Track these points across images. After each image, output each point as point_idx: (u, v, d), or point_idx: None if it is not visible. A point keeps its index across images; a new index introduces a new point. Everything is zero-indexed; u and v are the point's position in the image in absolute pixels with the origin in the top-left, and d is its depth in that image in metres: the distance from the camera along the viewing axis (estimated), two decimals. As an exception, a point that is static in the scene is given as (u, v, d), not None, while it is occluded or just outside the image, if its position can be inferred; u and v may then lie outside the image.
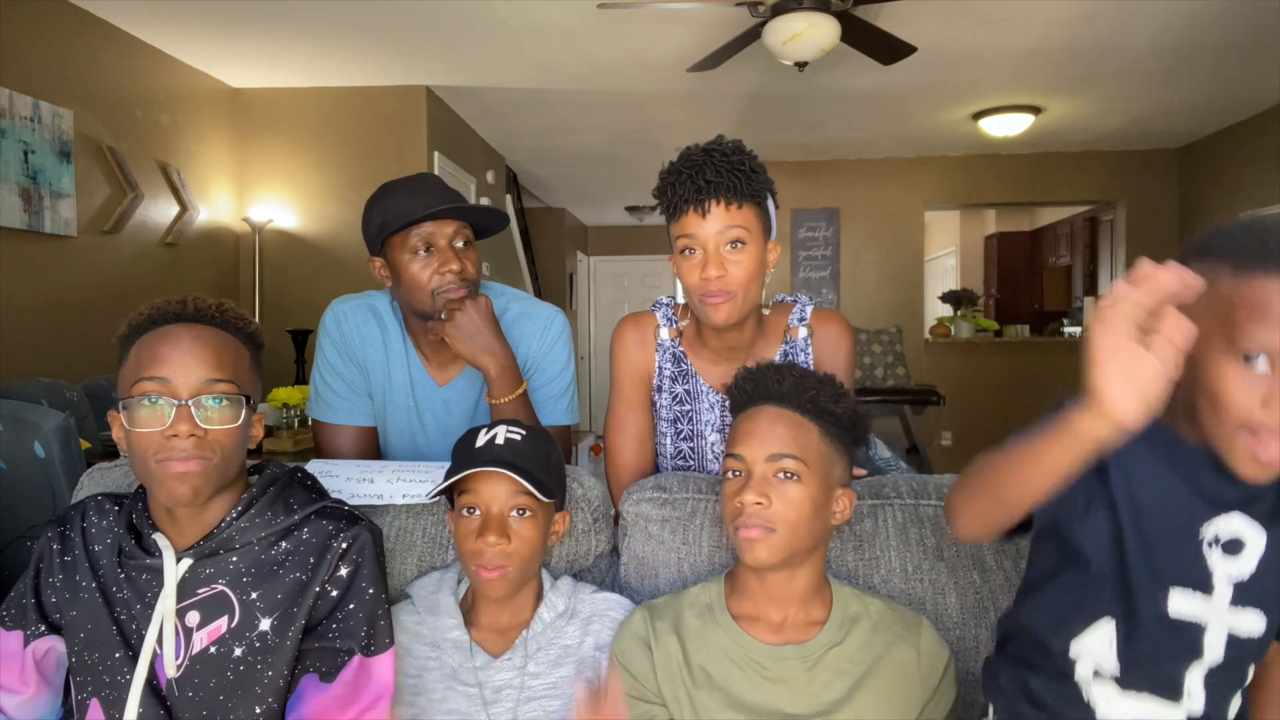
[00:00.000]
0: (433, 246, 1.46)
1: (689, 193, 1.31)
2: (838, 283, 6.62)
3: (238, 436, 1.03)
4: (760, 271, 1.37)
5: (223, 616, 1.03)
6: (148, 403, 0.99)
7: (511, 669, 1.15)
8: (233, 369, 1.04)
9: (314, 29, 3.86)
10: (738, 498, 1.07)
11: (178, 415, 0.98)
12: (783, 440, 1.08)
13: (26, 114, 3.23)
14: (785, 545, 1.06)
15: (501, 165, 6.26)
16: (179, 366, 1.00)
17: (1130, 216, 6.38)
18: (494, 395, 1.47)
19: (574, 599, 1.21)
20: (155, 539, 1.04)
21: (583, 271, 9.75)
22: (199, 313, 1.05)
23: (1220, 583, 0.87)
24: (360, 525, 1.09)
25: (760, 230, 1.36)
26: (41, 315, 3.37)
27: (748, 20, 3.42)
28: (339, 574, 1.05)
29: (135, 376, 1.00)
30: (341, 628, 1.05)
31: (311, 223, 4.75)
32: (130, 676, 1.01)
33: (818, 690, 1.07)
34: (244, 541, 1.05)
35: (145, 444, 0.99)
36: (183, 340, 1.02)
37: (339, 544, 1.06)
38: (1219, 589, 0.87)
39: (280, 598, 1.04)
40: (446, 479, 1.14)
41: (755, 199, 1.34)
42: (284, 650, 1.03)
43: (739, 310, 1.37)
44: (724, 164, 1.31)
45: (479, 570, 1.12)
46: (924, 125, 5.60)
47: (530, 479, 1.11)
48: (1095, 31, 3.92)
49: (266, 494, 1.07)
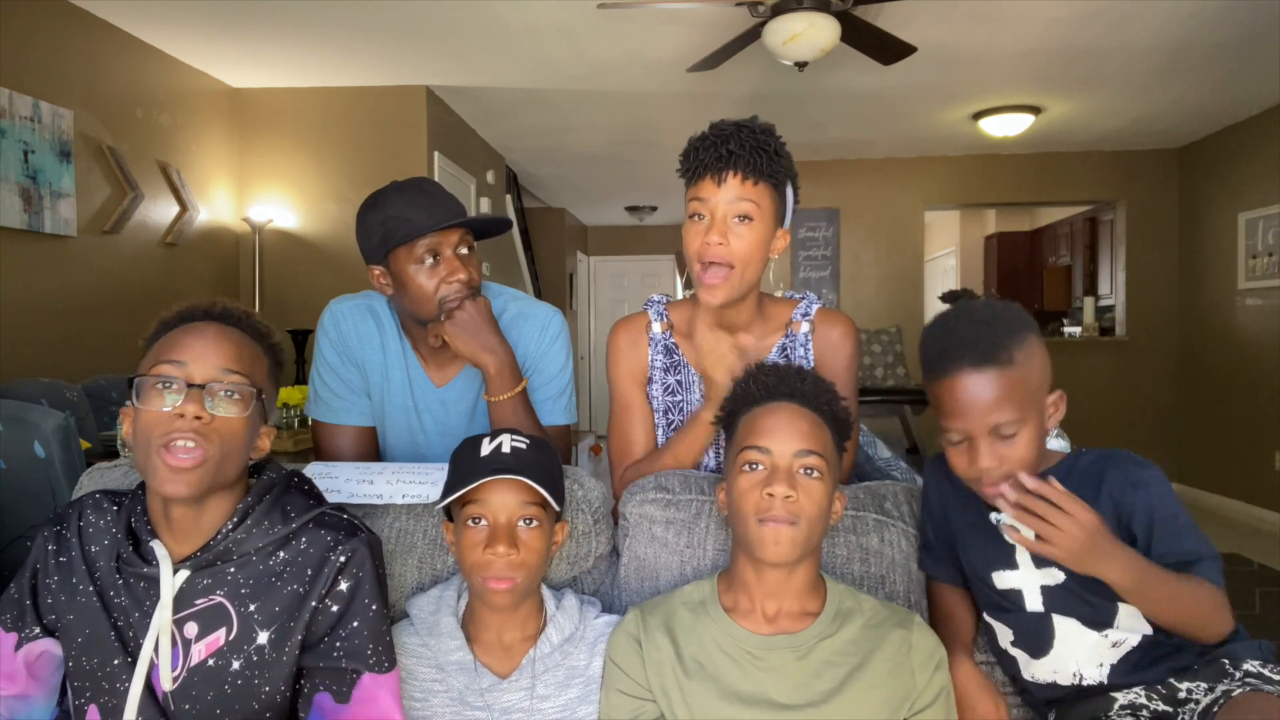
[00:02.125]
0: (438, 255, 1.45)
1: (710, 159, 1.35)
2: (838, 283, 6.62)
3: (242, 433, 1.03)
4: (761, 252, 1.38)
5: (221, 629, 1.02)
6: (161, 384, 1.00)
7: (519, 690, 1.14)
8: (249, 366, 1.05)
9: (314, 29, 3.86)
10: (766, 489, 1.07)
11: (188, 397, 0.99)
12: (808, 437, 1.10)
13: (26, 114, 3.23)
14: (805, 540, 1.07)
15: (501, 165, 6.26)
16: (198, 354, 1.01)
17: (1130, 216, 6.38)
18: (492, 393, 1.46)
19: (581, 622, 1.21)
20: (153, 547, 1.03)
21: (583, 271, 9.76)
22: (226, 313, 1.07)
23: (1020, 554, 1.15)
24: (359, 537, 1.08)
25: (771, 212, 1.38)
26: (41, 315, 3.37)
27: (748, 20, 3.42)
28: (338, 589, 1.04)
29: (154, 360, 1.01)
30: (346, 646, 1.04)
31: (311, 223, 4.75)
32: (129, 684, 1.01)
33: (808, 680, 1.08)
34: (241, 552, 1.04)
35: (151, 425, 0.99)
36: (206, 332, 1.04)
37: (337, 557, 1.05)
38: (1021, 559, 1.15)
39: (278, 610, 1.03)
40: (456, 488, 1.12)
41: (773, 180, 1.37)
42: (281, 665, 1.02)
43: (734, 289, 1.38)
44: (750, 140, 1.34)
45: (486, 581, 1.10)
46: (924, 125, 5.60)
47: (541, 485, 1.11)
48: (1095, 31, 3.92)
49: (263, 502, 1.06)
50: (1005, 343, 1.07)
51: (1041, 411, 1.10)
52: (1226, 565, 1.07)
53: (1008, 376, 1.05)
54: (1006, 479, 1.06)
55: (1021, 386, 1.06)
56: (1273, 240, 5.20)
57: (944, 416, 1.10)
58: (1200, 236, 6.01)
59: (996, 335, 1.07)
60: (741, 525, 1.10)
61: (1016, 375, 1.06)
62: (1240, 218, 5.50)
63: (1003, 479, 1.06)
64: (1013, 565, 1.15)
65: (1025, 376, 1.07)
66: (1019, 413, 1.06)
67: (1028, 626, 1.15)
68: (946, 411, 1.09)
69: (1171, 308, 6.31)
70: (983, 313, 1.11)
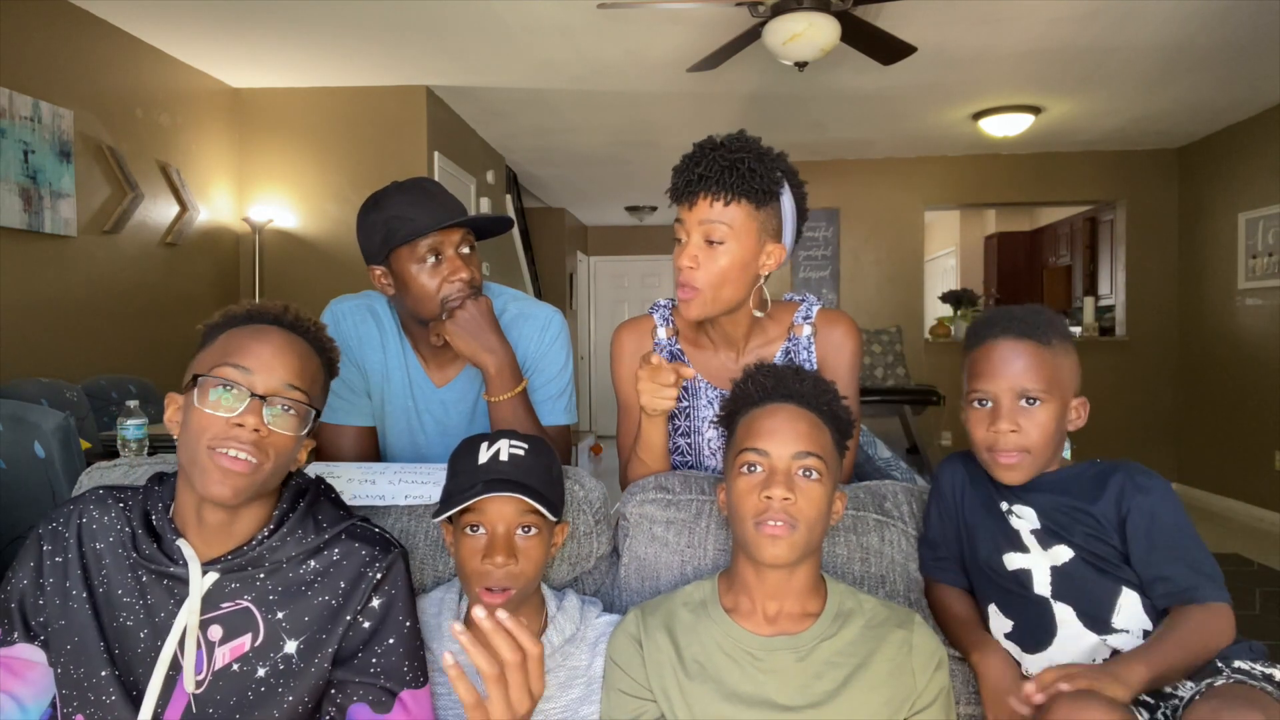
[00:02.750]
0: (440, 255, 1.46)
1: (681, 183, 1.36)
2: (838, 283, 6.62)
3: (292, 448, 1.02)
4: (737, 273, 1.37)
5: (246, 634, 1.01)
6: (224, 387, 0.98)
7: None
8: (310, 383, 1.04)
9: (314, 29, 3.86)
10: (764, 492, 1.07)
11: (249, 407, 0.98)
12: (806, 439, 1.09)
13: (26, 114, 3.23)
14: (804, 542, 1.07)
15: (501, 165, 6.26)
16: (265, 363, 1.00)
17: (1130, 216, 6.38)
18: (492, 393, 1.46)
19: (582, 622, 1.20)
20: (179, 546, 1.01)
21: (583, 271, 9.75)
22: (297, 322, 1.06)
23: (1028, 538, 1.18)
24: (394, 552, 1.08)
25: (752, 230, 1.35)
26: (41, 315, 3.37)
27: (748, 20, 3.42)
28: (372, 605, 1.04)
29: (219, 360, 1.00)
30: (383, 663, 1.03)
31: (311, 223, 4.75)
32: (116, 697, 0.98)
33: (809, 681, 1.07)
34: (274, 560, 1.03)
35: (206, 426, 0.97)
36: (275, 340, 1.02)
37: (374, 573, 1.04)
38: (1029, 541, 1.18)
39: (308, 620, 1.02)
40: (453, 498, 1.11)
41: (751, 198, 1.34)
42: (308, 676, 1.01)
43: (705, 308, 1.39)
44: (722, 159, 1.32)
45: (483, 594, 1.09)
46: (924, 125, 5.60)
47: (540, 499, 1.10)
48: (1095, 31, 3.92)
49: (297, 510, 1.05)
50: (1049, 330, 1.17)
51: (1065, 403, 1.17)
52: (1226, 565, 1.08)
53: (1043, 353, 1.16)
54: (1020, 451, 1.15)
55: (1052, 367, 1.16)
56: (1273, 240, 5.20)
57: (974, 379, 1.18)
58: (1200, 236, 6.01)
59: (1043, 321, 1.18)
60: (740, 527, 1.10)
61: (1051, 357, 1.16)
62: (1240, 218, 5.50)
63: (1017, 449, 1.15)
64: (1023, 548, 1.18)
65: (1058, 363, 1.17)
66: (1046, 385, 1.15)
67: (1030, 615, 1.17)
68: (979, 374, 1.18)
69: (1171, 308, 6.31)
70: (1035, 307, 1.22)
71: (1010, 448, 1.15)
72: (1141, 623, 1.11)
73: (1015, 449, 1.15)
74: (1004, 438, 1.14)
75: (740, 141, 1.35)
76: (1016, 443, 1.14)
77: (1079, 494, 1.16)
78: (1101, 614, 1.12)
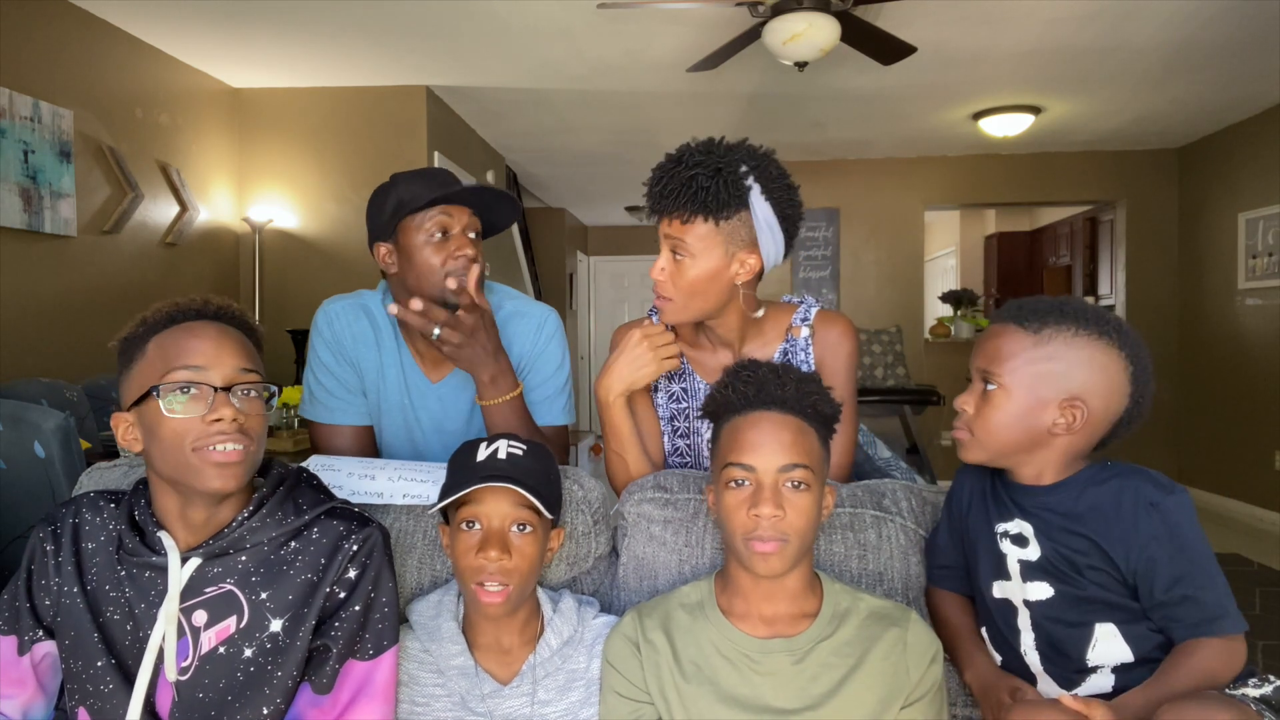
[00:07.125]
0: (448, 232, 1.47)
1: (648, 199, 1.38)
2: (838, 283, 6.62)
3: (264, 427, 1.05)
4: (704, 285, 1.37)
5: (231, 616, 1.03)
6: (182, 390, 0.99)
7: (520, 696, 1.14)
8: (257, 363, 1.07)
9: (314, 29, 3.86)
10: (753, 510, 1.05)
11: (218, 401, 0.99)
12: (792, 450, 1.07)
13: (26, 114, 3.23)
14: (796, 554, 1.07)
15: (501, 165, 6.26)
16: (212, 357, 1.01)
17: (1130, 216, 6.38)
18: (484, 397, 1.46)
19: (580, 624, 1.20)
20: (160, 537, 1.03)
21: (583, 271, 9.75)
22: (220, 311, 1.07)
23: (1013, 566, 1.13)
24: (371, 526, 1.10)
25: (713, 245, 1.35)
26: (41, 315, 3.37)
27: (748, 20, 3.42)
28: (348, 575, 1.06)
29: (166, 367, 1.00)
30: (344, 629, 1.05)
31: (311, 223, 4.75)
32: (113, 685, 1.01)
33: (805, 684, 1.07)
34: (254, 542, 1.04)
35: (183, 431, 0.98)
36: (210, 333, 1.04)
37: (350, 545, 1.07)
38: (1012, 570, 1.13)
39: (291, 599, 1.04)
40: (448, 494, 1.12)
41: (711, 212, 1.32)
42: (294, 651, 1.03)
43: (679, 315, 1.42)
44: (680, 175, 1.32)
45: (478, 591, 1.09)
46: (924, 125, 5.60)
47: (535, 494, 1.10)
48: (1095, 31, 3.92)
49: (276, 493, 1.07)
50: (1046, 318, 1.09)
51: (1047, 400, 1.08)
52: (1226, 565, 1.06)
53: (1032, 340, 1.09)
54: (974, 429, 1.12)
55: (1040, 358, 1.08)
56: (1273, 240, 5.20)
57: (971, 359, 1.15)
58: (1200, 236, 6.01)
59: (1042, 308, 1.11)
60: (730, 539, 1.09)
61: (1041, 345, 1.08)
62: (1240, 218, 5.50)
63: (974, 426, 1.12)
64: (1005, 575, 1.14)
65: (1051, 355, 1.08)
66: (1006, 375, 1.09)
67: (1012, 662, 1.15)
68: (975, 353, 1.15)
69: (1171, 308, 6.31)
70: (1045, 296, 1.17)
71: (963, 424, 1.15)
72: (1118, 656, 1.07)
73: (971, 425, 1.14)
74: (962, 415, 1.14)
75: (700, 155, 1.33)
76: (971, 419, 1.14)
77: (1091, 521, 1.07)
78: (1075, 653, 1.09)
